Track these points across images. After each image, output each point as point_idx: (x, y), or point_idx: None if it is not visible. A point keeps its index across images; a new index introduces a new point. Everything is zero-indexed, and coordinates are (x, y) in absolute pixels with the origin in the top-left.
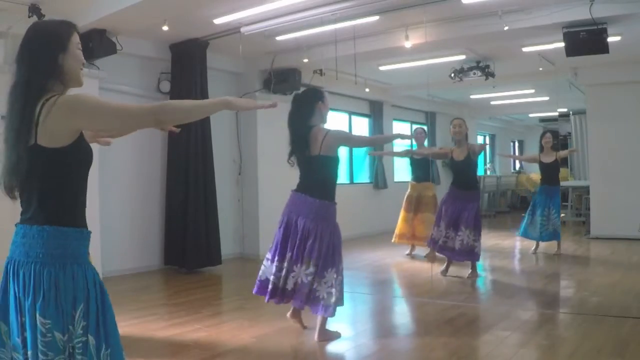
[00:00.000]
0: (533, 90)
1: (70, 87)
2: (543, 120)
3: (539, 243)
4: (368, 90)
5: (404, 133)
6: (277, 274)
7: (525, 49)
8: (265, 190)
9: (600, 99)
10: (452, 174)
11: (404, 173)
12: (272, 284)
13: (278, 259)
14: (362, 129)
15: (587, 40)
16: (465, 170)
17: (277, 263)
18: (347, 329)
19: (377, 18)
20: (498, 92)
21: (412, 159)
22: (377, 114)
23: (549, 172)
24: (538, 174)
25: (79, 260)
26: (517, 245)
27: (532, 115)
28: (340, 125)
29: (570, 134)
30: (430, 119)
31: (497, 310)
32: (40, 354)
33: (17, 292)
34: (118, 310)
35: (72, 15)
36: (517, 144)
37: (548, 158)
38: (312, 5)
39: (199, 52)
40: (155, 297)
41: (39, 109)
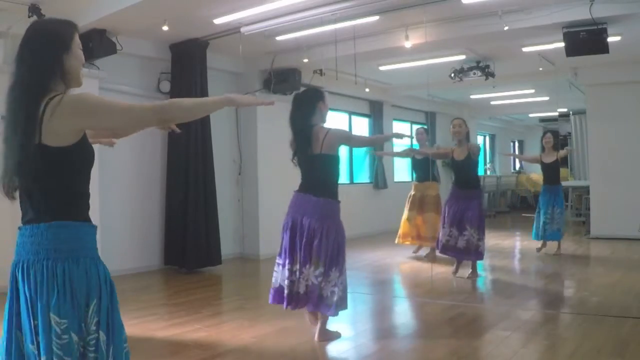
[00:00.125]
0: (533, 90)
1: (71, 87)
2: (543, 120)
3: (546, 242)
4: (368, 90)
5: (402, 132)
6: (290, 278)
7: (525, 49)
8: (265, 190)
9: (600, 99)
10: (453, 174)
11: (404, 173)
12: (287, 289)
13: (289, 262)
14: (362, 129)
15: (587, 40)
16: (466, 170)
17: (288, 266)
18: (347, 329)
19: (377, 18)
20: (498, 92)
21: (413, 159)
22: (377, 114)
23: (550, 172)
24: (538, 174)
25: (91, 254)
26: (517, 245)
27: (532, 115)
28: (341, 125)
29: (570, 134)
30: (430, 119)
31: (497, 310)
32: (55, 357)
33: (28, 293)
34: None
35: (72, 15)
36: (517, 144)
37: (549, 158)
38: (312, 5)
39: (199, 52)
40: (155, 297)
41: (43, 108)
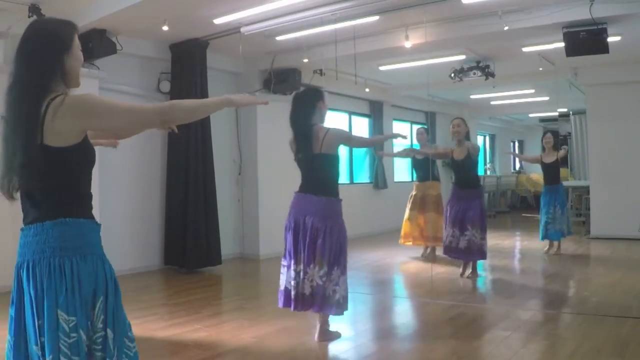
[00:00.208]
0: (533, 90)
1: (71, 87)
2: (543, 120)
3: (553, 242)
4: (368, 90)
5: (400, 132)
6: (296, 279)
7: (525, 49)
8: (265, 190)
9: (600, 99)
10: (453, 174)
11: (404, 173)
12: (293, 290)
13: (294, 262)
14: (362, 129)
15: (587, 40)
16: (466, 170)
17: (294, 267)
18: (347, 329)
19: (377, 18)
20: (498, 92)
21: (414, 159)
22: (377, 114)
23: (551, 172)
24: (538, 174)
25: (97, 251)
26: (517, 245)
27: (532, 115)
28: (341, 125)
29: (570, 134)
30: (430, 119)
31: (497, 310)
32: (62, 356)
33: (33, 293)
34: None
35: (72, 15)
36: (517, 144)
37: (549, 158)
38: (312, 5)
39: (199, 52)
40: (155, 297)
41: (44, 109)
